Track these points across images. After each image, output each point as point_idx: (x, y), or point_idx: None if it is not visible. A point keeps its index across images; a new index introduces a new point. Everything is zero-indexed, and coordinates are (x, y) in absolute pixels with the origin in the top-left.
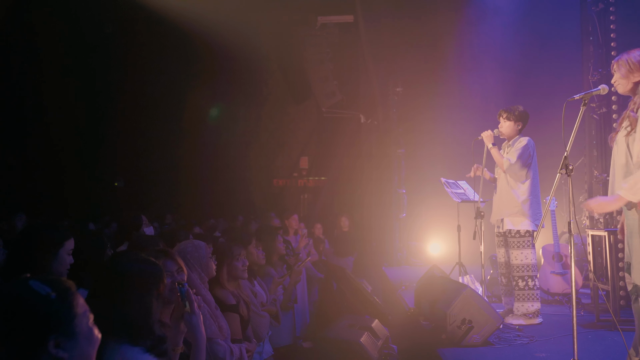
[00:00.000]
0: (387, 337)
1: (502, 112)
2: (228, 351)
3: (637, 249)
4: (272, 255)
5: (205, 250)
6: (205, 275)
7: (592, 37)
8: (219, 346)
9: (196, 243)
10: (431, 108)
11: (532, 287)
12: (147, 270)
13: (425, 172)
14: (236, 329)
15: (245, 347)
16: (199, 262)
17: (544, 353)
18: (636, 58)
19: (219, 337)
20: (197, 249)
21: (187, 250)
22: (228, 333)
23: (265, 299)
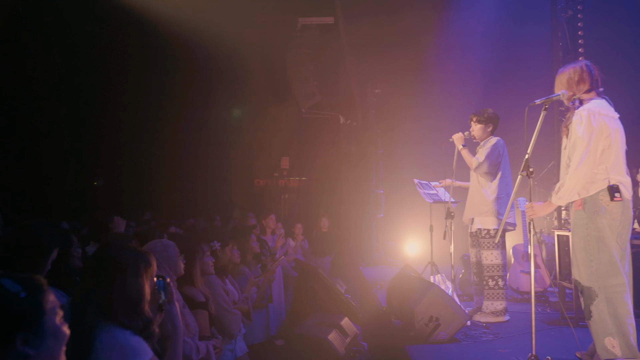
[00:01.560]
0: (356, 334)
1: (472, 116)
2: (194, 348)
3: (576, 246)
4: (246, 255)
5: (174, 249)
6: (173, 274)
7: (561, 42)
8: (185, 344)
9: (165, 242)
10: (409, 109)
11: (501, 287)
12: (139, 255)
13: (403, 172)
14: (205, 326)
15: (213, 344)
16: (167, 261)
17: (507, 349)
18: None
19: (185, 335)
20: (165, 248)
21: (156, 250)
22: (196, 330)
23: (237, 297)
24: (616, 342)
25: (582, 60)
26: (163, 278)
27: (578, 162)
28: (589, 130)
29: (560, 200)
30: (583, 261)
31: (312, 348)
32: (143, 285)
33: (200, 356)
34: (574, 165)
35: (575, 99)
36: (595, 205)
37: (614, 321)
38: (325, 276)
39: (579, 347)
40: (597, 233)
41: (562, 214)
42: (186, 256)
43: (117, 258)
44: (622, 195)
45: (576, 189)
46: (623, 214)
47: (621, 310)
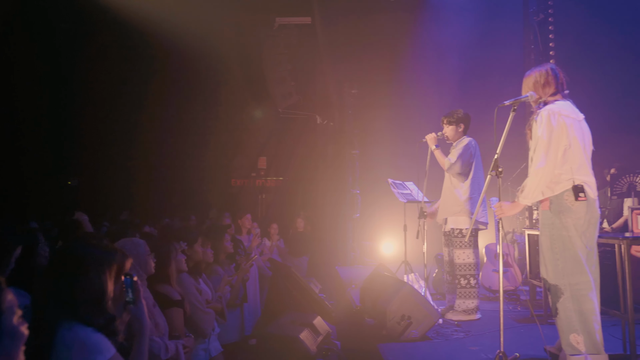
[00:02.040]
0: (328, 333)
1: (443, 118)
2: (163, 348)
3: (543, 245)
4: (219, 254)
5: (144, 247)
6: (143, 273)
7: (533, 45)
8: (153, 343)
9: (135, 241)
10: (385, 109)
11: (473, 286)
12: (102, 252)
13: (379, 172)
14: (179, 325)
15: (183, 343)
16: (137, 260)
17: (477, 347)
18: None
19: (154, 334)
20: (135, 247)
21: (126, 248)
22: (166, 330)
23: (210, 296)
24: (581, 338)
25: (547, 64)
26: (131, 276)
27: (538, 161)
28: (548, 130)
29: (525, 199)
30: (550, 260)
31: (284, 347)
32: (106, 282)
33: (169, 355)
34: (535, 164)
35: (541, 101)
36: (560, 205)
37: (579, 318)
38: (299, 276)
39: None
40: (562, 232)
41: (534, 213)
42: (161, 255)
43: (79, 254)
44: (586, 195)
45: (539, 188)
46: (588, 213)
47: (586, 308)
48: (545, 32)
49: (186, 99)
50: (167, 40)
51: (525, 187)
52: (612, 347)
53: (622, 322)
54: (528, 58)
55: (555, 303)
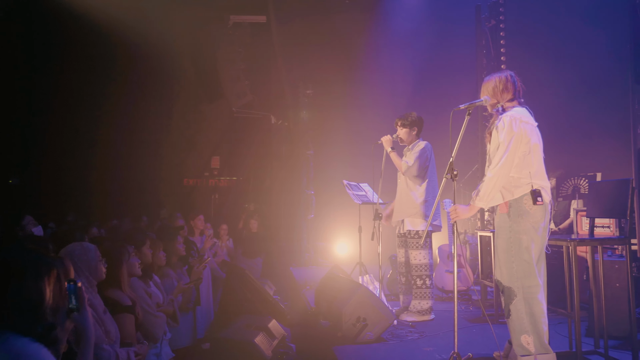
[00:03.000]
0: (284, 336)
1: (397, 121)
2: (113, 356)
3: (499, 248)
4: (171, 256)
5: (95, 253)
6: (93, 279)
7: (485, 50)
8: (103, 351)
9: (85, 245)
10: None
11: (428, 286)
12: (39, 257)
13: (333, 172)
14: (131, 331)
15: (135, 350)
16: (87, 266)
17: (431, 347)
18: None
19: (104, 342)
20: (85, 252)
21: (75, 254)
22: (117, 337)
23: (161, 300)
24: (531, 339)
25: (507, 70)
26: (74, 282)
27: (496, 164)
28: (509, 135)
29: (481, 202)
30: (505, 262)
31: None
32: (43, 289)
33: None
34: (492, 166)
35: (499, 106)
36: (519, 208)
37: (529, 320)
38: (253, 278)
39: (497, 343)
40: (519, 235)
41: (485, 215)
42: (112, 259)
43: (12, 261)
44: (543, 200)
45: (494, 190)
46: (544, 217)
47: (536, 310)
48: (497, 37)
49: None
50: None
51: (480, 190)
52: (559, 345)
53: (568, 321)
54: (480, 62)
55: (508, 305)
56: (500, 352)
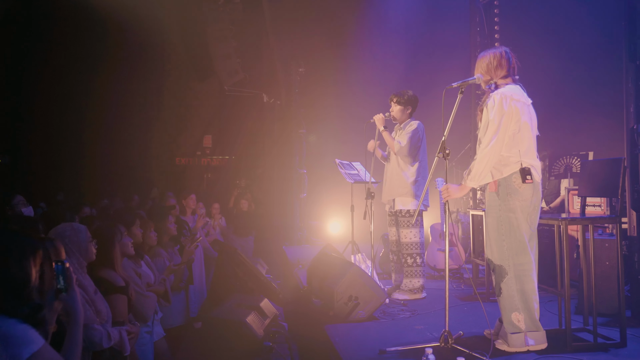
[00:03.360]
0: (276, 315)
1: (393, 97)
2: (105, 335)
3: (489, 226)
4: (163, 236)
5: (85, 233)
6: (84, 260)
7: (479, 27)
8: (94, 331)
9: (75, 226)
10: (333, 88)
11: (419, 264)
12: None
13: (326, 151)
14: (123, 311)
15: (127, 329)
16: (77, 247)
17: (423, 325)
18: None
19: (94, 322)
20: (76, 233)
21: (66, 235)
22: (108, 316)
23: (152, 279)
24: (522, 316)
25: (502, 47)
26: (62, 263)
27: (487, 143)
28: (499, 114)
29: (472, 182)
30: (495, 240)
31: (230, 331)
32: (28, 269)
33: (112, 343)
34: (483, 146)
35: (492, 83)
36: (508, 187)
37: (521, 297)
38: (245, 257)
39: (487, 321)
40: (508, 214)
41: (477, 194)
42: (105, 239)
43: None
44: (532, 178)
45: (486, 169)
46: (534, 195)
47: (528, 287)
48: (491, 15)
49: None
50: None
51: (472, 170)
52: (549, 323)
53: (558, 298)
54: (474, 40)
55: (499, 283)
56: (491, 330)
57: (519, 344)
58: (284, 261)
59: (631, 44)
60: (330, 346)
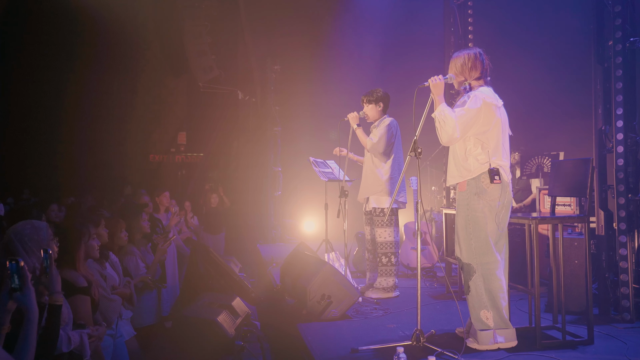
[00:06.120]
0: (248, 314)
1: (363, 98)
2: (65, 339)
3: (458, 225)
4: (135, 234)
5: (47, 231)
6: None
7: (453, 27)
8: None
9: (36, 224)
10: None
11: (393, 263)
12: None
13: (301, 149)
14: (86, 312)
15: (89, 332)
16: (37, 245)
17: (395, 324)
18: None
19: None
20: (36, 231)
21: (25, 233)
22: (69, 319)
23: (117, 282)
24: (490, 314)
25: (476, 48)
26: (16, 261)
27: (459, 111)
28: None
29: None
30: (464, 239)
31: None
32: None
33: (72, 347)
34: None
35: (467, 84)
36: (477, 187)
37: (488, 295)
38: (217, 256)
39: (461, 319)
40: (477, 213)
41: (451, 193)
42: (69, 238)
43: None
44: (501, 178)
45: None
46: (502, 195)
47: (494, 286)
48: (465, 15)
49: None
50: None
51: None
52: (519, 321)
53: (529, 297)
54: (448, 40)
55: (467, 281)
56: (463, 328)
57: (487, 341)
58: (258, 260)
59: (599, 46)
60: (302, 345)
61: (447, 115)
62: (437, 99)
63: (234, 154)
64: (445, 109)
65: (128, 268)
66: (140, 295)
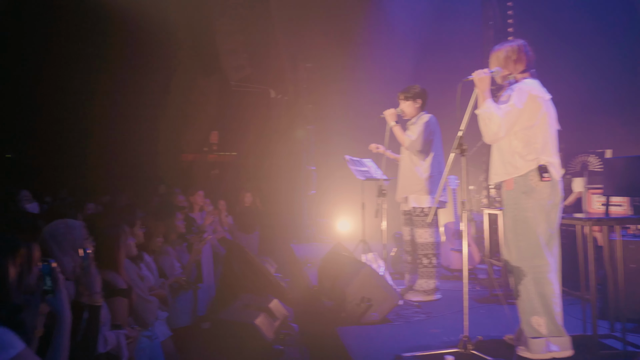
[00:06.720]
0: (285, 316)
1: (400, 94)
2: (102, 340)
3: (506, 226)
4: (170, 234)
5: (80, 230)
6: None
7: (492, 21)
8: None
9: (70, 223)
10: (341, 84)
11: (434, 265)
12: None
13: (334, 147)
14: (122, 314)
15: (126, 333)
16: (72, 245)
17: (439, 329)
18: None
19: None
20: (70, 230)
21: (59, 232)
22: (107, 319)
23: (152, 282)
24: (542, 320)
25: (519, 40)
26: (48, 263)
27: (505, 107)
28: (519, 100)
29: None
30: (512, 241)
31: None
32: (6, 269)
33: (108, 348)
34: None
35: (511, 78)
36: (525, 185)
37: (540, 300)
38: (253, 256)
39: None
40: (525, 213)
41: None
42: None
43: None
44: (551, 176)
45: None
46: (552, 194)
47: (547, 290)
48: (504, 8)
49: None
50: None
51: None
52: (571, 328)
53: (582, 302)
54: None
55: (517, 285)
56: (512, 335)
57: (540, 350)
58: (292, 259)
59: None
60: (342, 350)
61: (493, 112)
62: (482, 95)
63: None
64: (491, 106)
65: (163, 268)
66: (176, 296)
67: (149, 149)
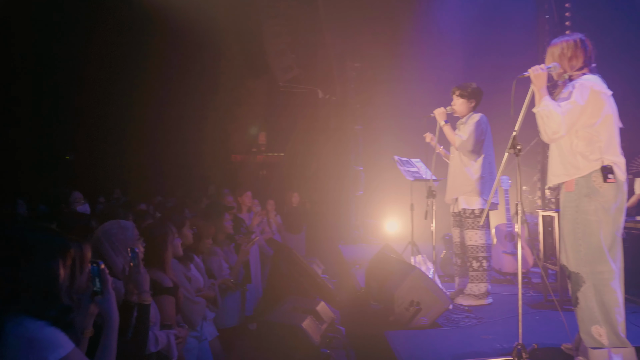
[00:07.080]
0: (332, 319)
1: (455, 90)
2: (152, 339)
3: (564, 230)
4: (218, 234)
5: (133, 231)
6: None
7: (547, 15)
8: None
9: (123, 224)
10: (389, 84)
11: (485, 268)
12: (49, 237)
13: (383, 147)
14: (171, 313)
15: (175, 333)
16: (124, 244)
17: (491, 335)
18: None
19: None
20: (123, 230)
21: (112, 232)
22: (157, 319)
23: (201, 284)
24: (603, 330)
25: (576, 34)
26: (97, 264)
27: (565, 105)
28: (580, 97)
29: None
30: (571, 245)
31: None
32: (56, 269)
33: (160, 347)
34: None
35: (566, 76)
36: (587, 187)
37: (601, 309)
38: (300, 258)
39: (567, 333)
40: (588, 216)
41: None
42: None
43: (22, 239)
44: (615, 177)
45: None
46: (617, 196)
47: (608, 298)
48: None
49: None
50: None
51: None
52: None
53: None
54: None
55: (575, 292)
56: (570, 344)
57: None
58: (340, 261)
59: None
60: (390, 354)
61: (552, 110)
62: (539, 92)
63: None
64: (550, 103)
65: (211, 269)
66: (223, 296)
67: (198, 150)
